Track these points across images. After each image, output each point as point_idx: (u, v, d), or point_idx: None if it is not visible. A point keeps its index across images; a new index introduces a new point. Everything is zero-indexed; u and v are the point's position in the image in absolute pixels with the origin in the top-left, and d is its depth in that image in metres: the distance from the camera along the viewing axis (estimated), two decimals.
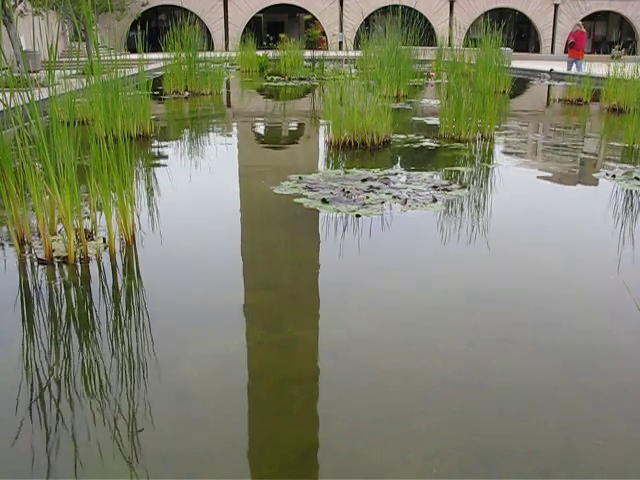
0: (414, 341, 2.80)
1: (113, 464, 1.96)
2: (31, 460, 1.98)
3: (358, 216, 4.57)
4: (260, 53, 23.13)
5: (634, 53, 28.06)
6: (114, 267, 3.61)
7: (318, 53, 25.37)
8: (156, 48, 15.97)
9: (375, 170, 6.06)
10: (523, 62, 25.03)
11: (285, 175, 5.85)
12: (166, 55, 13.83)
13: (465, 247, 4.03)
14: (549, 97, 15.53)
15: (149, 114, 8.10)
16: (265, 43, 30.50)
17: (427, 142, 7.89)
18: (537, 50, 41.10)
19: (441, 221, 4.53)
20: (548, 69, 19.75)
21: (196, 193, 5.53)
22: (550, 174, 6.37)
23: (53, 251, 3.67)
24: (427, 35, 16.44)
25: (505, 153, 7.66)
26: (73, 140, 3.72)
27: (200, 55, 13.89)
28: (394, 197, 5.07)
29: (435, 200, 5.00)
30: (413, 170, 6.16)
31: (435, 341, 2.80)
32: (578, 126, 10.48)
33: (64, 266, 3.59)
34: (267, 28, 40.26)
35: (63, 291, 3.31)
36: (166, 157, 7.25)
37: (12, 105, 3.80)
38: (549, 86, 17.79)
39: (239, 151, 8.00)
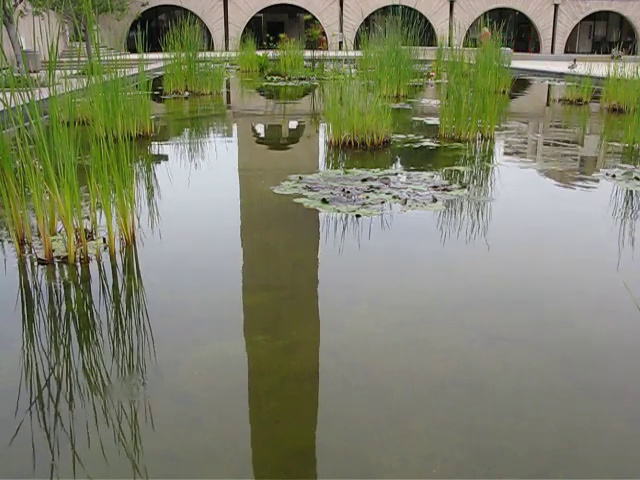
0: (414, 340, 2.80)
1: (113, 463, 1.96)
2: (31, 459, 1.98)
3: (358, 216, 4.57)
4: (260, 53, 23.13)
5: (634, 53, 28.05)
6: (114, 267, 3.61)
7: (318, 53, 25.38)
8: (156, 48, 15.98)
9: (375, 170, 6.06)
10: (523, 62, 25.00)
11: (285, 175, 5.85)
12: (166, 55, 13.83)
13: (465, 247, 4.03)
14: (549, 97, 15.53)
15: (149, 114, 8.10)
16: (265, 43, 30.52)
17: (427, 142, 7.89)
18: (537, 50, 41.10)
19: (441, 221, 4.53)
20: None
21: (196, 193, 5.53)
22: (550, 174, 6.37)
23: (53, 251, 3.67)
24: (427, 35, 16.46)
25: (505, 153, 7.67)
26: (73, 140, 3.72)
27: (200, 55, 13.89)
28: (394, 197, 5.07)
29: (435, 200, 5.00)
30: (413, 170, 6.16)
31: (435, 340, 2.80)
32: (578, 126, 10.48)
33: (64, 266, 3.59)
34: (267, 28, 40.26)
35: (63, 291, 3.31)
36: (166, 157, 7.25)
37: (12, 105, 3.80)
38: (549, 86, 17.80)
39: (239, 151, 8.00)
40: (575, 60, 20.36)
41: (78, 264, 3.62)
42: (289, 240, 4.33)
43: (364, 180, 5.61)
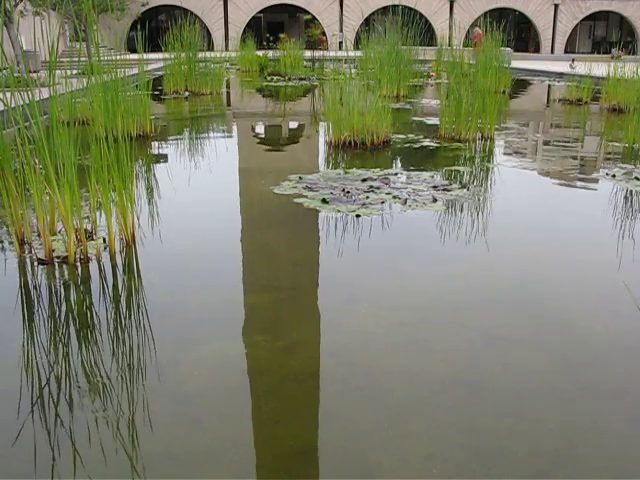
0: (415, 340, 2.80)
1: (113, 463, 1.96)
2: (32, 459, 1.98)
3: (358, 216, 4.57)
4: (260, 53, 23.13)
5: (634, 53, 28.06)
6: (114, 267, 3.61)
7: (318, 53, 25.38)
8: (156, 48, 15.99)
9: (375, 170, 6.06)
10: (523, 62, 24.98)
11: (285, 175, 5.85)
12: (166, 55, 13.84)
13: (465, 247, 4.03)
14: (549, 97, 15.53)
15: (149, 114, 8.10)
16: (265, 43, 30.51)
17: (427, 142, 7.89)
18: (537, 50, 41.10)
19: (441, 221, 4.53)
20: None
21: (196, 193, 5.53)
22: (550, 174, 6.37)
23: (53, 251, 3.67)
24: (427, 35, 16.46)
25: (505, 153, 7.67)
26: (73, 140, 3.72)
27: (200, 55, 13.90)
28: (394, 197, 5.07)
29: (435, 200, 5.00)
30: (413, 170, 6.16)
31: (435, 340, 2.80)
32: (578, 126, 10.48)
33: (64, 266, 3.59)
34: (267, 28, 40.26)
35: (63, 291, 3.31)
36: (166, 157, 7.25)
37: (12, 105, 3.80)
38: (549, 86, 17.80)
39: (239, 151, 8.00)
40: (573, 60, 20.41)
41: (78, 264, 3.62)
42: (289, 240, 4.33)
43: (364, 180, 5.61)
